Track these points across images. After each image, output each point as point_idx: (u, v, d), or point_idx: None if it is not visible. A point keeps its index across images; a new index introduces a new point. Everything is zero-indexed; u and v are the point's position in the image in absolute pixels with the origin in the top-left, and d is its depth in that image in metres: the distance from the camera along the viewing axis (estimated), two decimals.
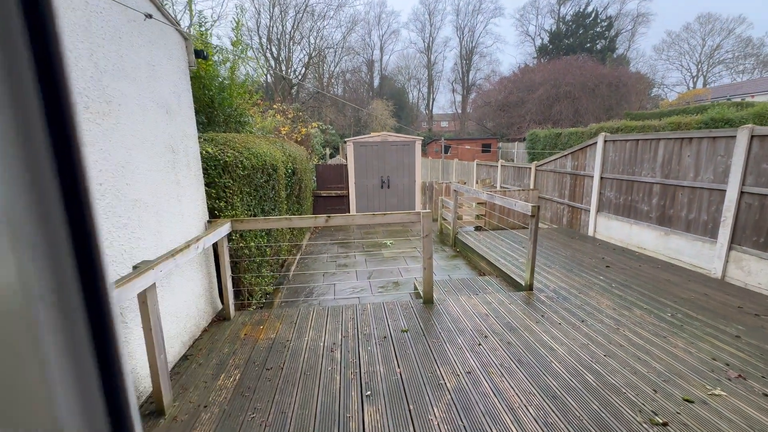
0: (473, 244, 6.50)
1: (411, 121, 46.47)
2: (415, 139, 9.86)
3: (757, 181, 4.19)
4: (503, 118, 30.99)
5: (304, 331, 3.43)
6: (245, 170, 4.03)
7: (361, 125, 40.01)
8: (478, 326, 3.45)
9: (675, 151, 5.23)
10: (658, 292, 4.23)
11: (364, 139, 9.77)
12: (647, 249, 5.75)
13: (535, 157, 19.97)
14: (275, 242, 5.19)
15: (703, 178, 4.83)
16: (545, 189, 8.77)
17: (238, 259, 4.02)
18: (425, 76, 49.91)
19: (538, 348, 3.05)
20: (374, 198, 9.98)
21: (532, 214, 4.08)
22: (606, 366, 2.78)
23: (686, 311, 3.71)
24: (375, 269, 6.11)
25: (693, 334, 3.24)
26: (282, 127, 13.78)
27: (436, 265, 6.25)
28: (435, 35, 48.55)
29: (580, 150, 7.33)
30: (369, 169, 9.80)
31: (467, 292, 4.62)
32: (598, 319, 3.58)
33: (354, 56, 46.07)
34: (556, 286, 4.45)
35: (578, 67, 27.17)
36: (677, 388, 2.51)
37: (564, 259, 5.54)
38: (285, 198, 5.85)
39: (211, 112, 5.84)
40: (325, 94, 38.87)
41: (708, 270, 4.76)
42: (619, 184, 6.30)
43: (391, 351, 3.05)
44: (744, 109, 11.72)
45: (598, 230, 6.88)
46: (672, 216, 5.32)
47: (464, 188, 6.60)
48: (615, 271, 4.97)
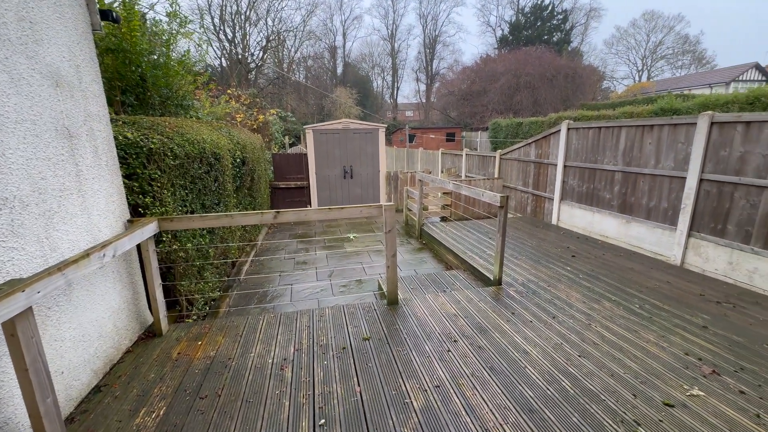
0: (439, 236, 6.25)
1: (376, 110, 45.80)
2: (378, 126, 9.43)
3: (716, 168, 4.21)
4: (466, 108, 31.22)
5: (250, 345, 2.97)
6: (177, 159, 3.43)
7: (325, 113, 38.81)
8: (446, 329, 3.16)
9: (637, 139, 5.22)
10: (623, 282, 4.18)
11: (324, 126, 9.19)
12: (609, 237, 5.78)
13: (497, 145, 20.25)
14: (222, 241, 4.61)
15: (664, 166, 4.84)
16: (509, 178, 8.71)
17: (172, 264, 3.44)
18: (389, 65, 49.24)
19: (511, 351, 2.81)
20: (337, 189, 9.48)
21: (501, 205, 3.84)
22: (582, 368, 2.59)
23: (653, 301, 3.65)
24: (337, 266, 5.69)
25: (663, 327, 3.16)
26: (237, 113, 12.81)
27: (402, 259, 5.94)
28: (398, 22, 47.93)
29: (544, 138, 7.27)
30: (330, 158, 9.27)
31: (434, 289, 4.34)
32: (569, 314, 3.42)
33: (316, 41, 44.38)
34: (524, 279, 4.28)
35: (537, 58, 27.80)
36: (656, 391, 2.35)
37: (530, 250, 5.42)
38: (233, 191, 5.25)
39: (142, 93, 5.05)
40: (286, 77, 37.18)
41: (668, 257, 4.82)
42: (582, 172, 6.29)
43: (350, 365, 2.68)
44: (688, 100, 12.38)
45: (561, 219, 6.88)
46: (633, 204, 5.35)
47: (429, 178, 6.31)
48: (581, 260, 4.91)
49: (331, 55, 47.00)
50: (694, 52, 43.66)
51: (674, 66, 44.76)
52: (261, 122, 14.39)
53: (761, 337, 2.97)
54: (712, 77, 31.04)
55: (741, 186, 3.97)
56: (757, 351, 2.79)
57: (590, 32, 44.27)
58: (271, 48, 37.97)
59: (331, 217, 3.43)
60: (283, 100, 37.85)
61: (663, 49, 44.80)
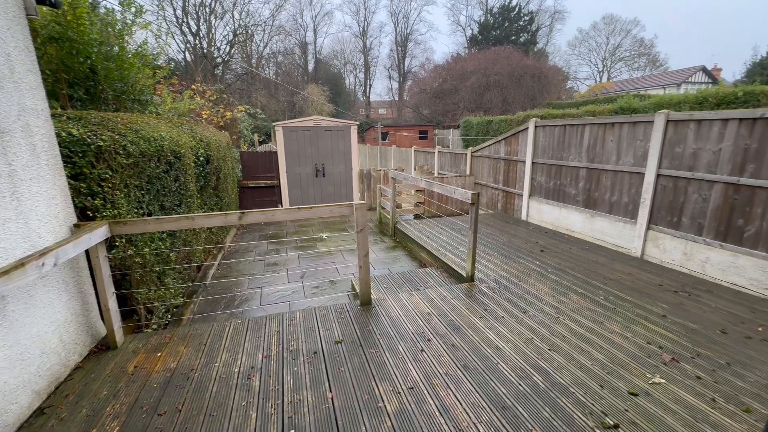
0: (413, 234, 6.24)
1: (349, 108, 45.43)
2: (350, 123, 9.30)
3: (672, 164, 4.43)
4: (438, 106, 31.58)
5: (215, 354, 2.80)
6: (131, 158, 3.19)
7: (296, 111, 38.06)
8: (420, 329, 3.13)
9: (599, 136, 5.41)
10: (589, 274, 4.32)
11: (294, 123, 8.96)
12: (575, 231, 5.98)
13: (469, 143, 20.60)
14: (185, 245, 4.36)
15: (624, 162, 5.05)
16: (481, 175, 8.85)
17: (127, 271, 3.20)
18: (361, 62, 48.96)
19: (484, 348, 2.81)
20: (309, 188, 9.28)
21: (472, 202, 3.86)
22: (552, 362, 2.63)
23: (616, 293, 3.79)
24: (309, 267, 5.55)
25: (626, 317, 3.28)
26: (203, 110, 12.25)
27: (376, 258, 5.88)
28: (370, 20, 47.75)
29: (513, 136, 7.43)
30: (301, 156, 9.05)
31: (408, 288, 4.31)
32: (539, 308, 3.48)
33: (286, 37, 43.39)
34: (496, 275, 4.33)
35: (506, 58, 28.52)
36: (621, 380, 2.42)
37: (502, 245, 5.52)
38: (197, 191, 4.98)
39: (93, 87, 4.70)
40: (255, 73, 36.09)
41: (629, 249, 5.04)
42: (549, 168, 6.47)
43: (322, 370, 2.59)
44: (645, 100, 13.08)
45: (530, 214, 7.06)
46: (597, 199, 5.55)
47: (402, 175, 6.28)
48: (549, 255, 5.04)
49: (302, 51, 46.13)
50: (648, 55, 46.30)
51: (631, 67, 47.26)
52: (228, 119, 13.87)
53: (714, 324, 3.15)
54: (665, 79, 33.07)
55: (694, 181, 4.20)
56: (711, 337, 2.94)
57: (555, 34, 46.07)
58: (239, 43, 36.73)
59: (300, 217, 3.31)
60: (252, 96, 36.75)
61: (621, 52, 47.20)
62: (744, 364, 2.58)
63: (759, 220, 3.65)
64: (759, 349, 2.77)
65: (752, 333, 3.00)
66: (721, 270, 3.99)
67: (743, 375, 2.47)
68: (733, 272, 3.88)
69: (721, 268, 3.98)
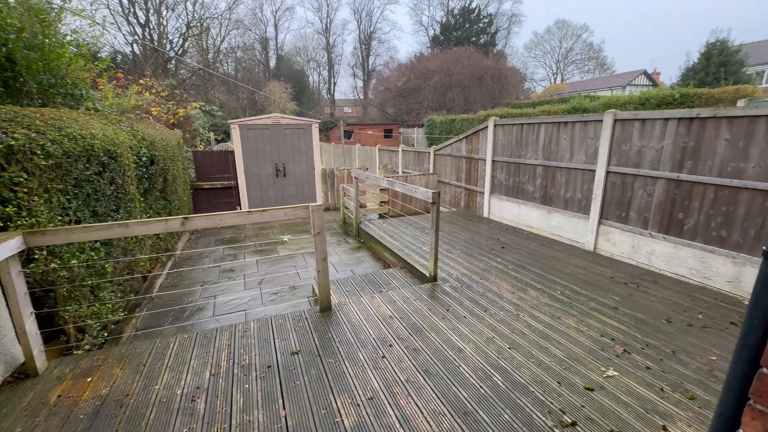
0: (377, 234, 6.15)
1: (312, 106, 44.57)
2: (312, 121, 9.04)
3: (620, 161, 4.65)
4: (403, 105, 31.74)
5: (155, 376, 2.54)
6: (52, 158, 2.82)
7: (258, 109, 36.75)
8: (382, 333, 3.03)
9: (554, 135, 5.59)
10: (546, 269, 4.43)
11: (252, 121, 8.55)
12: (534, 227, 6.16)
13: (433, 142, 20.85)
14: (126, 254, 3.97)
15: (577, 160, 5.24)
16: (444, 173, 8.93)
17: (51, 286, 2.83)
18: (325, 59, 48.17)
19: (445, 351, 2.76)
20: (269, 188, 8.91)
21: (433, 201, 3.81)
22: (512, 361, 2.62)
23: (572, 287, 3.91)
24: (268, 272, 5.29)
25: (581, 311, 3.37)
26: (153, 107, 11.43)
27: (339, 260, 5.72)
28: (333, 16, 47.11)
29: (474, 134, 7.53)
30: (261, 155, 8.67)
31: (370, 290, 4.20)
32: (499, 306, 3.50)
33: (245, 32, 41.75)
34: (459, 274, 4.33)
35: (467, 58, 29.17)
36: (578, 375, 2.45)
37: (464, 243, 5.56)
38: (139, 195, 4.57)
39: (12, 78, 4.15)
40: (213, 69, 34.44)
41: (583, 243, 5.24)
42: (509, 166, 6.61)
43: (275, 386, 2.41)
44: (595, 101, 13.85)
45: (492, 212, 7.20)
46: (553, 195, 5.74)
47: (365, 175, 6.16)
48: (509, 251, 5.14)
49: (262, 47, 44.63)
50: (597, 59, 49.28)
51: (582, 70, 50.06)
52: (181, 117, 13.06)
53: (660, 313, 3.31)
54: (612, 81, 35.33)
55: (639, 177, 4.42)
56: (658, 327, 3.08)
57: (512, 36, 47.74)
58: (193, 36, 34.83)
59: (253, 221, 3.09)
60: (209, 93, 35.04)
61: (573, 55, 49.89)
62: (687, 352, 2.71)
63: (696, 214, 3.90)
64: (699, 336, 2.93)
65: (693, 321, 3.18)
66: (664, 261, 4.23)
67: (687, 362, 2.59)
68: (675, 263, 4.12)
69: (665, 259, 4.22)
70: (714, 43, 20.91)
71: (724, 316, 3.25)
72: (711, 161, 3.72)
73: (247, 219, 3.02)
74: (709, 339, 2.89)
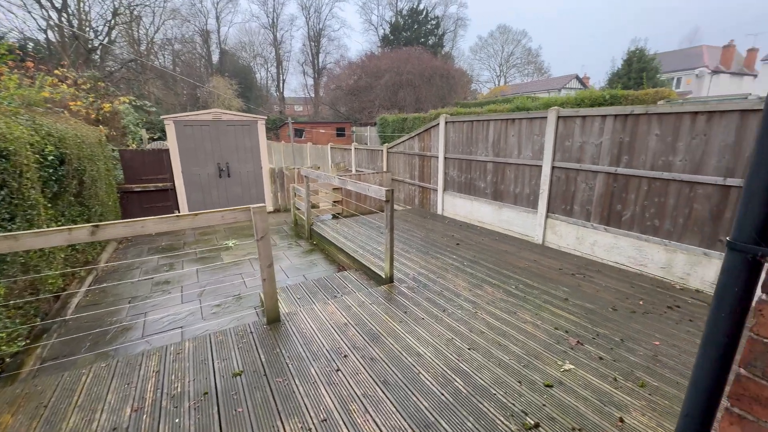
0: (330, 236, 5.87)
1: (261, 103, 42.68)
2: (257, 118, 8.49)
3: (563, 157, 4.83)
4: (355, 103, 31.46)
5: (60, 419, 2.09)
6: None
7: (200, 105, 34.37)
8: (336, 344, 2.80)
9: (502, 132, 5.71)
10: (500, 264, 4.47)
11: (189, 117, 7.82)
12: (486, 222, 6.26)
13: (386, 140, 20.85)
14: (28, 271, 3.33)
15: (525, 156, 5.39)
16: (397, 171, 8.85)
17: None
18: (273, 56, 46.37)
19: (404, 358, 2.61)
20: (211, 190, 8.23)
21: (387, 200, 3.65)
22: (472, 362, 2.54)
23: (525, 281, 3.96)
24: (210, 282, 4.80)
25: (535, 304, 3.40)
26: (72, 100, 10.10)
27: (290, 265, 5.37)
28: (279, 11, 45.37)
29: (426, 131, 7.52)
30: (200, 154, 7.96)
31: (324, 296, 3.95)
32: (457, 304, 3.43)
33: (183, 23, 38.85)
34: (415, 273, 4.22)
35: (417, 58, 29.59)
36: (537, 372, 2.42)
37: (420, 242, 5.48)
38: (45, 200, 3.89)
39: None
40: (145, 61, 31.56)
41: (532, 237, 5.41)
42: (460, 163, 6.67)
43: (212, 416, 2.09)
44: (536, 101, 14.68)
45: (445, 208, 7.24)
46: (503, 191, 5.87)
47: (316, 174, 5.85)
48: (464, 247, 5.14)
49: (203, 40, 41.87)
50: (535, 63, 52.66)
51: (522, 73, 53.17)
52: (107, 112, 11.71)
53: (606, 302, 3.44)
54: (549, 84, 37.91)
55: (581, 172, 4.62)
56: (605, 315, 3.19)
57: (458, 39, 49.45)
58: (122, 25, 31.64)
59: (181, 227, 2.70)
60: (143, 87, 32.10)
61: (514, 59, 52.84)
62: (634, 339, 2.81)
63: (633, 205, 4.14)
64: (642, 322, 3.07)
65: (635, 308, 3.34)
66: (606, 251, 4.46)
67: (634, 350, 2.67)
68: (616, 252, 4.36)
69: (606, 249, 4.45)
70: (634, 51, 23.19)
71: (661, 301, 3.45)
72: (644, 155, 3.96)
73: (174, 225, 2.63)
74: (651, 324, 3.03)
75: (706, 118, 3.44)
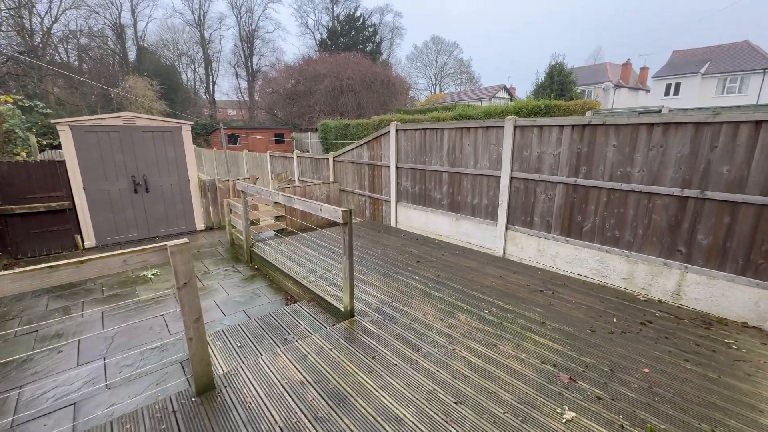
0: (274, 259, 5.13)
1: (188, 106, 39.16)
2: (181, 124, 7.35)
3: (522, 167, 4.71)
4: (294, 108, 30.20)
5: None
6: None
7: (114, 108, 30.44)
8: (292, 415, 2.19)
9: (457, 141, 5.48)
10: (466, 284, 4.17)
11: (92, 121, 6.48)
12: (444, 235, 6.00)
13: (329, 146, 20.14)
14: None
15: (482, 166, 5.20)
16: (345, 181, 8.31)
17: None
18: (200, 55, 42.91)
19: (381, 427, 2.09)
20: (125, 208, 6.91)
21: (344, 222, 3.12)
22: (463, 423, 2.10)
23: (496, 302, 3.68)
24: (120, 331, 3.81)
25: (514, 332, 3.10)
26: None
27: (227, 298, 4.53)
28: (206, 8, 42.09)
29: (375, 139, 7.10)
30: (109, 165, 6.64)
31: (272, 341, 3.27)
32: (431, 340, 3.00)
33: (90, 14, 34.19)
34: (378, 302, 3.72)
35: (356, 63, 29.33)
36: (537, 427, 2.06)
37: (377, 261, 5.00)
38: None
39: None
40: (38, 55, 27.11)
41: (493, 249, 5.23)
42: (414, 173, 6.35)
43: None
44: (475, 109, 15.15)
45: (399, 221, 6.86)
46: (460, 202, 5.64)
47: (254, 189, 5.07)
48: (426, 266, 4.77)
49: (117, 35, 37.33)
50: (467, 73, 55.69)
51: (456, 82, 55.88)
52: None
53: (582, 322, 3.27)
54: (481, 93, 40.14)
55: (541, 182, 4.53)
56: (587, 340, 2.99)
57: (395, 48, 50.32)
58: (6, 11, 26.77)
59: (56, 283, 1.89)
60: (38, 86, 27.47)
61: (447, 69, 55.32)
62: (623, 368, 2.61)
63: (593, 216, 4.10)
64: (624, 345, 2.91)
65: (611, 326, 3.20)
66: (568, 263, 4.39)
67: (627, 381, 2.46)
68: (578, 264, 4.30)
69: (568, 261, 4.38)
70: (554, 65, 25.38)
71: (632, 317, 3.37)
72: (603, 166, 3.93)
73: (45, 281, 1.82)
74: (632, 347, 2.88)
75: (663, 130, 3.46)
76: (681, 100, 28.35)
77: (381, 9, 47.03)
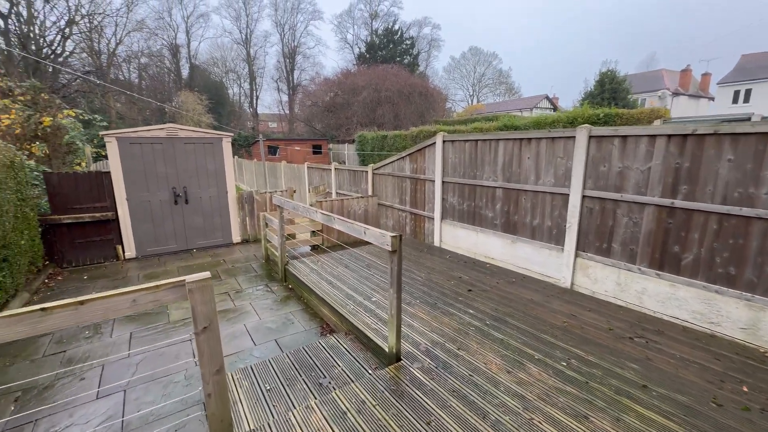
0: (309, 280, 4.73)
1: (233, 119, 41.09)
2: (222, 135, 7.30)
3: (597, 185, 4.00)
4: (332, 120, 30.62)
5: None
6: None
7: (167, 120, 32.41)
8: None
9: (515, 153, 4.86)
10: (531, 322, 3.50)
11: (137, 133, 6.54)
12: (496, 258, 5.33)
13: (365, 158, 19.97)
14: None
15: (545, 182, 4.53)
16: (384, 195, 7.86)
17: None
18: (246, 71, 45.09)
19: None
20: (165, 219, 6.89)
21: (393, 249, 2.62)
22: None
23: (575, 351, 2.99)
24: (145, 358, 3.52)
25: (607, 399, 2.41)
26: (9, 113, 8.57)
27: (258, 323, 4.16)
28: (253, 27, 44.43)
29: (419, 151, 6.61)
30: (151, 177, 6.66)
31: (305, 385, 2.80)
32: (499, 402, 2.39)
33: (150, 36, 37.07)
34: (428, 342, 3.16)
35: (394, 75, 29.28)
36: None
37: (422, 287, 4.44)
38: None
39: None
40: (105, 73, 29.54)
41: (558, 279, 4.50)
42: (462, 188, 5.76)
43: None
44: (522, 120, 14.29)
45: (444, 240, 6.27)
46: (517, 222, 4.97)
47: (291, 204, 4.73)
48: (479, 296, 4.15)
49: (172, 54, 40.15)
50: (506, 84, 54.21)
51: (495, 93, 54.52)
52: (47, 127, 10.16)
53: (699, 389, 2.51)
54: (521, 104, 38.71)
55: (623, 203, 3.79)
56: (713, 418, 2.24)
57: (432, 60, 49.97)
58: (79, 34, 29.56)
59: (50, 329, 1.56)
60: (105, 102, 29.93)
61: (486, 80, 54.19)
62: None
63: (697, 247, 3.30)
64: (765, 428, 2.14)
65: (741, 398, 2.42)
66: (660, 302, 3.59)
67: None
68: (674, 305, 3.49)
69: (661, 300, 3.58)
70: (606, 73, 23.81)
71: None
72: (713, 185, 3.16)
73: (36, 327, 1.46)
74: None
75: None
76: (752, 107, 25.57)
77: (419, 22, 46.93)
